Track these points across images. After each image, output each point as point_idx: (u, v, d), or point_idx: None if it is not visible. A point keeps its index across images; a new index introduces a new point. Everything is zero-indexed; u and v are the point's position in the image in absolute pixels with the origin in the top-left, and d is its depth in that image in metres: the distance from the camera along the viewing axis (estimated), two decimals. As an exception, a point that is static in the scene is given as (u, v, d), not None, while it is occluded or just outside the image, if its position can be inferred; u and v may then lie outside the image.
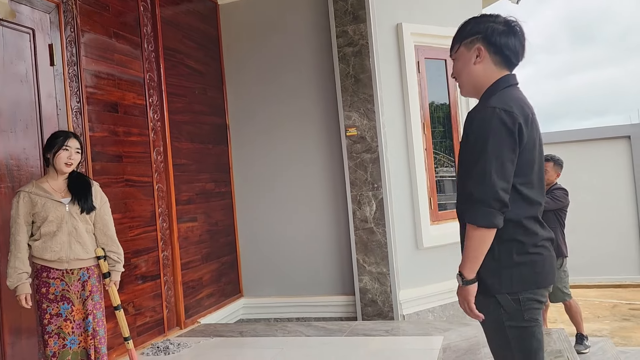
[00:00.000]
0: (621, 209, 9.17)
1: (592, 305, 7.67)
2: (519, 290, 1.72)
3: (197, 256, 4.88)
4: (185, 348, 4.03)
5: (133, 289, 4.05)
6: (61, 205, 2.83)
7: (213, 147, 5.28)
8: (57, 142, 2.85)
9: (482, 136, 1.68)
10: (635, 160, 9.14)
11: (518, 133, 1.67)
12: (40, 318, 2.75)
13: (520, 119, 1.68)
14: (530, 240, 1.74)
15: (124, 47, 4.16)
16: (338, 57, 4.95)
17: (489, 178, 1.65)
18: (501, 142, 1.66)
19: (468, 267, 1.73)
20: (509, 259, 1.72)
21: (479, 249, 1.69)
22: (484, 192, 1.66)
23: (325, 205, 5.20)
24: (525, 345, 1.74)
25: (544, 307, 1.79)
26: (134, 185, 4.17)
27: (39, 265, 2.78)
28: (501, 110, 1.67)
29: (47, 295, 2.76)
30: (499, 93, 1.76)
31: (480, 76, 1.82)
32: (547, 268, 1.77)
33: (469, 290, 1.74)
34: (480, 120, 1.71)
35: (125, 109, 4.14)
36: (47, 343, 2.73)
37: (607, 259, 9.07)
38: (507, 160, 1.67)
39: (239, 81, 5.49)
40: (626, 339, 6.02)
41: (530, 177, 1.74)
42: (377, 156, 4.83)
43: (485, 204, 1.66)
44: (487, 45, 1.78)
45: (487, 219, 1.66)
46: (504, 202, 1.66)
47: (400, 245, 4.96)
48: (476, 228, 1.68)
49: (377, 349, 3.80)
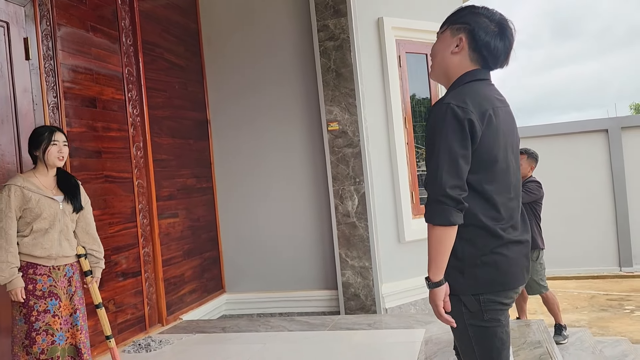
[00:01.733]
0: (599, 202, 9.32)
1: (571, 296, 7.81)
2: (482, 292, 1.68)
3: (178, 252, 4.84)
4: (167, 345, 4.00)
5: (113, 286, 4.01)
6: (55, 203, 2.83)
7: (194, 143, 5.23)
8: (44, 137, 2.83)
9: (434, 133, 1.66)
10: (613, 154, 9.30)
11: (470, 129, 1.63)
12: (27, 315, 2.70)
13: (474, 115, 1.64)
14: (494, 240, 1.69)
15: (101, 41, 4.10)
16: (319, 51, 4.94)
17: (440, 175, 1.62)
18: (451, 138, 1.63)
19: (432, 269, 1.67)
20: (472, 259, 1.68)
21: (439, 248, 1.65)
22: (436, 190, 1.63)
23: (307, 200, 5.20)
24: (487, 345, 1.72)
25: (509, 307, 1.76)
26: (113, 181, 4.12)
27: (24, 262, 2.74)
28: (455, 105, 1.64)
29: (34, 292, 2.73)
30: (460, 87, 1.73)
31: (453, 66, 1.79)
32: (513, 269, 1.72)
33: (436, 294, 1.68)
34: (434, 117, 1.68)
35: (104, 104, 4.08)
36: (35, 340, 2.69)
37: (586, 251, 9.23)
38: (459, 157, 1.63)
39: (219, 76, 5.44)
40: (604, 328, 6.14)
41: (492, 174, 1.69)
42: (359, 150, 4.84)
43: (439, 202, 1.62)
44: (469, 38, 1.75)
45: (442, 217, 1.62)
46: (456, 200, 1.62)
47: (382, 239, 4.98)
48: (433, 227, 1.65)
49: (359, 342, 3.82)
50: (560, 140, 9.56)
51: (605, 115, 17.42)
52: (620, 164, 9.24)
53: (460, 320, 1.73)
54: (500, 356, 1.74)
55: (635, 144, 9.26)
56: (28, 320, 2.70)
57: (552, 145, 9.51)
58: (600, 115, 20.81)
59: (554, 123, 10.01)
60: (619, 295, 7.68)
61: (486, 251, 1.68)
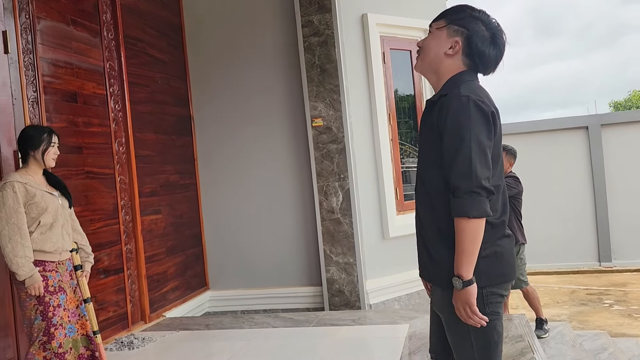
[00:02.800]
0: (579, 198, 9.47)
1: (552, 291, 7.93)
2: (485, 284, 1.69)
3: (161, 249, 4.80)
4: (150, 342, 3.97)
5: (95, 283, 3.96)
6: (55, 198, 2.90)
7: (177, 138, 5.18)
8: (44, 139, 2.90)
9: (460, 125, 1.65)
10: (593, 150, 9.45)
11: (493, 122, 1.67)
12: (44, 312, 2.73)
13: (493, 108, 1.69)
14: (494, 233, 1.71)
15: (82, 35, 4.03)
16: (304, 47, 4.92)
17: (474, 168, 1.62)
18: (479, 130, 1.64)
19: (466, 266, 1.63)
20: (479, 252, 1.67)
21: (475, 242, 1.62)
22: (471, 182, 1.62)
23: (291, 196, 5.19)
24: (486, 338, 1.73)
25: (505, 300, 1.80)
26: (95, 177, 4.06)
27: (33, 261, 2.75)
28: (476, 99, 1.66)
29: (47, 288, 2.77)
30: (466, 83, 1.74)
31: (445, 66, 1.79)
32: (512, 261, 1.76)
33: (470, 292, 1.64)
34: (456, 109, 1.67)
35: (85, 99, 4.02)
36: (54, 336, 2.73)
37: (566, 246, 9.37)
38: (487, 148, 1.66)
39: (202, 71, 5.40)
40: (583, 322, 6.25)
41: (497, 169, 1.73)
42: (343, 147, 4.84)
43: (474, 194, 1.62)
44: (465, 44, 1.76)
45: (479, 208, 1.62)
46: (490, 190, 1.64)
47: (366, 236, 4.99)
48: (469, 220, 1.62)
49: (343, 338, 3.83)
50: (542, 137, 9.68)
51: (585, 112, 17.67)
52: (600, 161, 9.39)
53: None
54: (497, 349, 1.76)
55: (615, 141, 9.42)
56: (46, 317, 2.73)
57: (533, 142, 9.62)
58: (581, 113, 21.12)
59: (535, 120, 10.13)
60: (598, 290, 7.82)
61: (488, 244, 1.70)
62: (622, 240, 9.24)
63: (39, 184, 2.87)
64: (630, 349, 4.66)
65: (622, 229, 9.24)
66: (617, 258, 9.26)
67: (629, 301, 7.08)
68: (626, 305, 6.90)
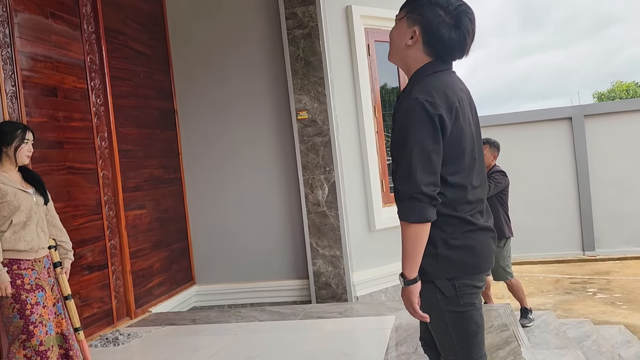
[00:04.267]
0: (563, 188, 9.58)
1: (537, 280, 8.02)
2: (456, 275, 1.70)
3: (146, 244, 4.76)
4: (135, 338, 3.94)
5: (79, 279, 3.92)
6: (29, 196, 2.85)
7: (161, 132, 5.13)
8: (18, 135, 2.85)
9: (405, 128, 1.64)
10: (576, 141, 9.55)
11: (440, 124, 1.63)
12: (22, 310, 2.69)
13: (442, 109, 1.63)
14: (464, 226, 1.71)
15: (61, 28, 3.96)
16: (288, 39, 4.89)
17: (414, 174, 1.61)
18: (424, 135, 1.62)
19: (408, 267, 1.67)
20: (445, 244, 1.70)
21: (416, 245, 1.65)
22: (411, 188, 1.62)
23: (277, 190, 5.17)
24: (463, 329, 1.74)
25: (481, 291, 1.79)
26: (77, 172, 4.01)
27: (6, 260, 2.72)
28: (423, 100, 1.62)
29: (23, 286, 2.73)
30: (424, 80, 1.71)
31: (410, 58, 1.77)
32: (485, 253, 1.75)
33: (412, 291, 1.69)
34: (404, 112, 1.66)
35: (65, 93, 3.96)
36: (33, 333, 2.70)
37: (550, 236, 9.49)
38: (432, 152, 1.62)
39: (186, 64, 5.34)
40: (567, 311, 6.33)
41: (460, 166, 1.70)
42: (329, 139, 4.83)
43: (413, 199, 1.62)
44: (422, 32, 1.72)
45: (418, 214, 1.62)
46: (431, 196, 1.62)
47: (352, 228, 5.00)
48: (409, 225, 1.63)
49: (330, 330, 3.84)
50: (526, 129, 9.76)
51: (569, 103, 17.84)
52: (583, 151, 9.49)
53: (436, 307, 1.74)
54: (477, 339, 1.77)
55: (598, 132, 9.53)
56: (23, 315, 2.70)
57: (517, 134, 9.70)
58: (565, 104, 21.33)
59: (519, 111, 10.20)
60: (582, 279, 7.93)
61: (457, 236, 1.70)
62: (605, 230, 9.38)
63: (12, 181, 2.82)
64: (613, 336, 4.74)
65: (605, 218, 9.37)
66: (601, 247, 9.40)
67: (612, 289, 7.19)
68: (609, 293, 7.01)
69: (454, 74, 1.80)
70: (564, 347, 3.85)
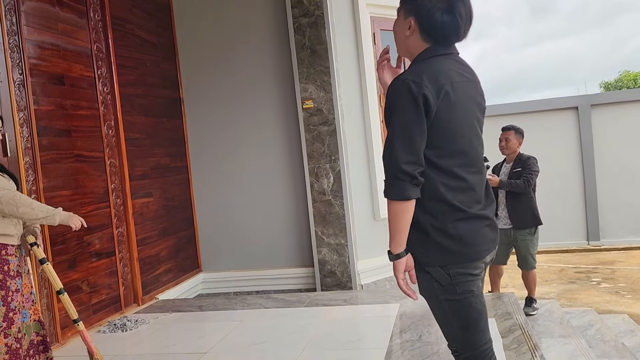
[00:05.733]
0: (569, 178, 9.55)
1: (541, 270, 8.03)
2: (447, 263, 1.70)
3: (153, 232, 4.80)
4: (143, 324, 3.99)
5: (87, 266, 3.97)
6: (10, 181, 2.75)
7: (167, 121, 5.15)
8: None
9: (390, 108, 1.68)
10: (582, 131, 9.50)
11: (424, 104, 1.64)
12: (4, 297, 2.62)
13: (428, 90, 1.63)
14: (456, 213, 1.70)
15: (68, 15, 3.97)
16: (293, 28, 4.88)
17: (395, 152, 1.65)
18: (407, 114, 1.64)
19: (392, 242, 1.73)
20: (435, 231, 1.70)
21: (399, 222, 1.69)
22: (391, 166, 1.66)
23: (282, 178, 5.19)
24: (463, 316, 1.74)
25: (480, 278, 1.78)
26: (84, 160, 4.04)
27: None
28: (410, 81, 1.64)
29: (8, 273, 2.67)
30: (419, 63, 1.74)
31: (412, 47, 1.80)
32: (477, 241, 1.73)
33: (396, 266, 1.73)
34: (391, 92, 1.69)
35: (72, 82, 3.98)
36: (13, 320, 2.64)
37: (555, 226, 9.46)
38: (414, 132, 1.64)
39: (192, 53, 5.34)
40: (571, 300, 6.35)
41: (448, 149, 1.70)
42: (334, 128, 4.83)
43: (395, 178, 1.65)
44: (417, 22, 1.75)
45: (398, 192, 1.66)
46: (411, 175, 1.64)
47: (357, 217, 5.02)
48: (391, 202, 1.69)
49: (335, 318, 3.87)
50: (532, 118, 9.70)
51: (576, 93, 17.70)
52: (589, 141, 9.45)
53: (434, 296, 1.76)
54: (479, 325, 1.77)
55: (604, 121, 9.48)
56: (5, 302, 2.63)
57: (523, 123, 9.56)
58: (572, 93, 21.18)
59: (526, 101, 10.15)
60: (586, 268, 7.94)
61: (448, 223, 1.70)
62: (611, 220, 9.36)
63: None
64: (616, 325, 4.75)
65: (611, 208, 9.35)
66: (605, 237, 9.39)
67: (616, 279, 7.20)
68: (613, 282, 7.02)
69: (455, 60, 1.79)
70: (567, 336, 3.87)
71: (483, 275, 1.83)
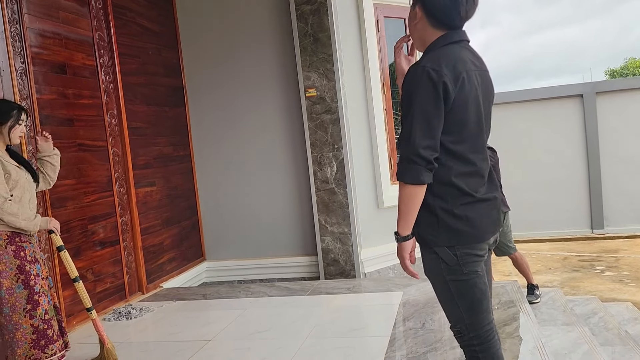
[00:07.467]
0: (573, 166, 9.51)
1: (545, 258, 8.03)
2: (455, 244, 1.77)
3: (157, 221, 4.81)
4: (147, 312, 4.02)
5: (92, 255, 3.98)
6: (25, 173, 2.84)
7: (170, 110, 5.14)
8: (13, 115, 2.81)
9: (409, 94, 1.72)
10: (587, 119, 9.44)
11: (444, 91, 1.69)
12: (26, 281, 2.70)
13: (447, 77, 1.69)
14: (464, 197, 1.77)
15: (69, 4, 3.95)
16: (296, 15, 4.84)
17: (413, 136, 1.69)
18: (426, 100, 1.69)
19: (400, 224, 1.77)
20: (445, 214, 1.77)
21: (409, 205, 1.74)
22: (408, 149, 1.70)
23: (285, 167, 5.19)
24: (468, 297, 1.81)
25: (483, 259, 1.85)
26: (87, 149, 4.04)
27: (9, 232, 2.72)
28: (430, 69, 1.69)
29: (26, 258, 2.74)
30: (436, 51, 1.78)
31: (422, 36, 1.86)
32: (484, 223, 1.81)
33: (403, 247, 1.79)
34: (410, 79, 1.74)
35: (75, 70, 3.97)
36: (39, 302, 2.71)
37: (559, 214, 9.46)
38: (433, 118, 1.69)
39: (194, 41, 5.32)
40: (575, 288, 6.35)
41: (464, 135, 1.76)
42: (337, 117, 4.81)
43: (410, 161, 1.70)
44: (423, 8, 1.81)
45: (413, 176, 1.71)
46: (427, 160, 1.70)
47: (361, 205, 5.02)
48: (404, 185, 1.73)
49: (338, 306, 3.89)
50: (537, 106, 9.65)
51: (581, 80, 17.57)
52: (594, 129, 9.39)
53: (440, 277, 1.83)
54: (482, 305, 1.83)
55: (609, 109, 9.41)
56: (28, 285, 2.71)
57: (528, 111, 9.60)
58: (577, 81, 21.02)
59: (531, 89, 10.07)
60: (590, 256, 7.93)
61: (457, 205, 1.77)
62: (614, 208, 9.33)
63: (7, 158, 2.81)
64: (620, 313, 4.76)
65: (615, 196, 9.32)
66: (609, 225, 9.37)
67: (620, 267, 7.20)
68: (617, 271, 7.02)
69: (468, 48, 1.85)
70: (570, 324, 3.87)
71: (486, 257, 1.88)
